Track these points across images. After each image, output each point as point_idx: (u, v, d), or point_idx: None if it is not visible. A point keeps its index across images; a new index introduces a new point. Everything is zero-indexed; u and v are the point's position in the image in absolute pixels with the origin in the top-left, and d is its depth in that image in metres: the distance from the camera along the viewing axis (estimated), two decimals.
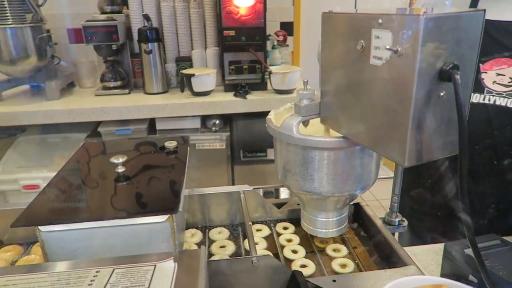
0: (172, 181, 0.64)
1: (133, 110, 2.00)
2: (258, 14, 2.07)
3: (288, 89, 2.11)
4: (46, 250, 0.54)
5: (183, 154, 0.75)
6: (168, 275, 0.45)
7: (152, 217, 0.54)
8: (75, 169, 0.69)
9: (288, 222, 0.93)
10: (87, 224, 0.54)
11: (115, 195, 0.60)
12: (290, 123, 0.64)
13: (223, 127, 2.18)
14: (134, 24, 2.28)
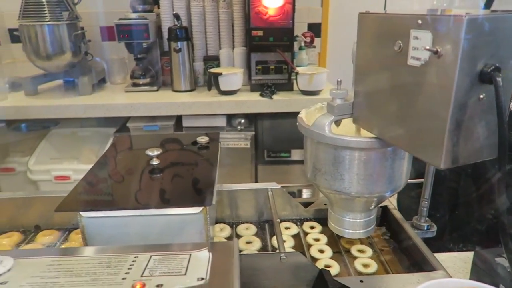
0: (205, 175, 0.66)
1: (161, 107, 2.04)
2: (287, 14, 2.08)
3: (314, 90, 2.10)
4: (85, 235, 0.57)
5: (214, 149, 0.77)
6: (203, 264, 0.46)
7: (186, 208, 0.56)
8: (112, 161, 0.72)
9: (314, 221, 0.93)
10: (125, 212, 0.56)
11: (151, 186, 0.62)
12: (322, 122, 0.65)
13: (248, 126, 2.20)
14: (164, 23, 2.33)
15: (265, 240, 0.87)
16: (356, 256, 0.80)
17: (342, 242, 0.85)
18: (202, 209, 0.56)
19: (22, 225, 0.90)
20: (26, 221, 0.89)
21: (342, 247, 0.84)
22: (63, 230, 0.91)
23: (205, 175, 0.65)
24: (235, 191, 0.89)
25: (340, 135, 0.65)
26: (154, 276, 0.44)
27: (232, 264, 0.46)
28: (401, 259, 0.80)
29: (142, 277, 0.44)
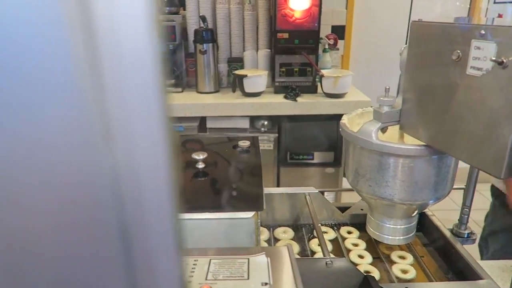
0: (252, 179, 0.67)
1: (187, 108, 2.07)
2: (313, 17, 2.08)
3: (339, 93, 2.10)
4: None
5: (256, 153, 0.77)
6: (263, 269, 0.47)
7: (239, 213, 0.57)
8: None
9: (351, 226, 0.93)
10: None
11: (200, 189, 0.64)
12: (369, 129, 0.65)
13: (271, 128, 2.21)
14: (190, 25, 2.36)
15: (303, 244, 0.87)
16: (396, 262, 0.80)
17: (381, 247, 0.85)
18: (254, 214, 0.57)
19: None
20: None
21: (382, 252, 0.84)
22: None
23: (252, 180, 0.66)
24: (273, 195, 0.90)
25: (388, 142, 0.65)
26: (218, 280, 0.45)
27: (292, 269, 0.47)
28: (441, 266, 0.80)
29: (207, 280, 0.45)
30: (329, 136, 2.17)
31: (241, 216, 0.57)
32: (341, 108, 2.08)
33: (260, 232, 0.87)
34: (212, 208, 0.58)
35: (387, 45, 2.79)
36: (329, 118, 2.14)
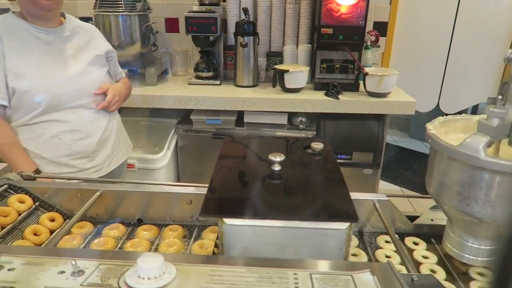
0: (336, 186, 0.63)
1: (226, 101, 2.04)
2: (360, 13, 2.01)
3: (382, 93, 2.03)
4: (224, 241, 0.56)
5: (331, 156, 0.74)
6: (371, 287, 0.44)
7: (332, 223, 0.54)
8: (235, 164, 0.70)
9: (416, 237, 0.89)
10: (268, 222, 0.54)
11: (285, 195, 0.60)
12: (476, 143, 0.60)
13: (309, 126, 2.17)
14: (230, 17, 2.33)
15: (368, 253, 0.83)
16: (475, 279, 0.75)
17: (455, 262, 0.80)
18: (348, 225, 0.54)
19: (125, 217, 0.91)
20: (129, 214, 0.90)
21: (456, 267, 0.79)
22: (160, 226, 0.92)
23: (336, 187, 0.63)
24: None
25: (500, 159, 0.60)
26: None
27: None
28: None
29: None
30: (369, 136, 2.11)
31: (334, 226, 0.54)
32: (384, 108, 2.02)
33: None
34: (306, 217, 0.54)
35: (431, 43, 2.69)
36: (370, 117, 2.07)
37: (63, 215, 0.96)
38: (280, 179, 0.64)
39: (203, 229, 0.91)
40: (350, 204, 0.57)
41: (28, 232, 0.87)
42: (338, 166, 0.70)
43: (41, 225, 0.91)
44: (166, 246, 0.85)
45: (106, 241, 0.87)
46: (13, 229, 0.88)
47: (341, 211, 0.56)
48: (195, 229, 0.92)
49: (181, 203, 0.88)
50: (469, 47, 2.66)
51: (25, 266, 0.47)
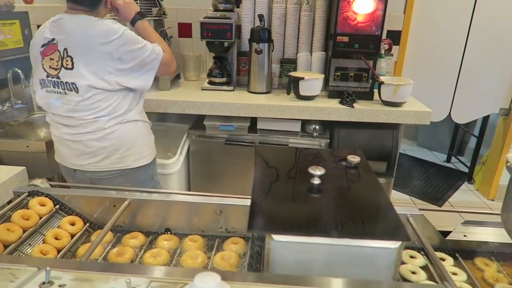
0: (380, 202, 0.62)
1: (240, 107, 2.03)
2: (376, 21, 2.01)
3: (397, 102, 2.02)
4: (270, 258, 0.55)
5: (368, 170, 0.72)
6: None
7: (384, 241, 0.52)
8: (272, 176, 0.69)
9: (440, 251, 0.87)
10: (317, 239, 0.53)
11: (334, 211, 0.59)
12: None
13: (323, 133, 2.15)
14: (245, 23, 2.33)
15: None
16: None
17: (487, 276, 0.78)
18: (400, 244, 0.52)
19: (151, 226, 0.90)
20: (156, 223, 0.89)
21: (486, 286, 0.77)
22: (180, 235, 0.90)
23: (380, 202, 0.61)
24: None
25: None
26: None
27: None
28: None
29: None
30: (383, 145, 2.10)
31: (386, 245, 0.53)
32: (399, 117, 2.00)
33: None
34: (351, 234, 0.53)
35: (444, 53, 2.69)
36: (384, 126, 2.06)
37: (83, 219, 0.95)
38: (323, 194, 0.63)
39: (225, 239, 0.90)
40: (400, 222, 0.55)
41: (49, 237, 0.86)
42: (378, 181, 0.68)
43: (61, 229, 0.90)
44: (188, 258, 0.83)
45: (125, 250, 0.86)
46: (34, 232, 0.87)
47: (392, 229, 0.55)
48: (216, 239, 0.90)
49: (210, 213, 0.87)
50: (482, 58, 2.66)
51: (75, 282, 0.46)
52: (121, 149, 1.37)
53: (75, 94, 1.27)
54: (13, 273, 0.48)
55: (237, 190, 2.23)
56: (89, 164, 1.35)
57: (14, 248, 0.79)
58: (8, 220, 0.85)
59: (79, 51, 1.24)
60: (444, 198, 2.95)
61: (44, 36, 1.28)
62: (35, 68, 1.34)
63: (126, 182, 1.40)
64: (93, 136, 1.31)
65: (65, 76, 1.26)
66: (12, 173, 1.47)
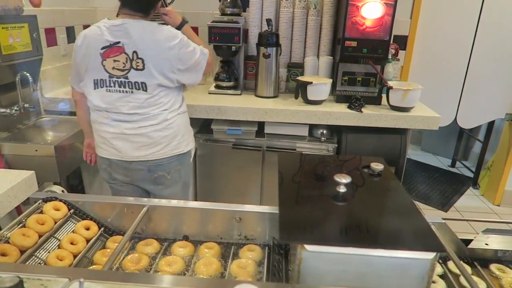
0: (410, 211, 0.61)
1: (248, 112, 2.03)
2: (385, 26, 2.00)
3: (406, 107, 2.02)
4: (301, 268, 0.54)
5: (392, 177, 0.72)
6: None
7: (418, 252, 0.51)
8: (298, 185, 0.68)
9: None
10: (350, 250, 0.52)
11: (364, 221, 0.58)
12: None
13: (330, 138, 2.15)
14: (252, 27, 2.33)
15: None
16: None
17: (504, 283, 0.77)
18: (435, 255, 0.52)
19: (167, 233, 0.89)
20: (172, 229, 0.88)
21: None
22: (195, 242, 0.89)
23: (410, 212, 0.61)
24: None
25: None
26: None
27: None
28: None
29: None
30: (391, 150, 2.09)
31: (420, 256, 0.52)
32: (407, 122, 2.00)
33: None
34: (384, 245, 0.52)
35: (450, 58, 2.69)
36: (392, 131, 2.06)
37: (97, 223, 0.94)
38: (351, 203, 0.62)
39: (241, 247, 0.89)
40: (432, 232, 0.55)
41: (65, 242, 0.85)
42: (403, 189, 0.68)
43: (77, 233, 0.89)
44: (202, 265, 0.82)
45: (140, 257, 0.85)
46: (50, 237, 0.86)
47: (426, 240, 0.54)
48: (232, 247, 0.89)
49: (228, 220, 0.86)
50: (488, 63, 2.66)
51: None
52: (178, 136, 1.53)
53: (143, 92, 1.41)
54: (45, 284, 0.47)
55: (244, 195, 2.24)
56: (151, 153, 1.48)
57: (30, 254, 0.78)
58: (23, 225, 0.84)
59: (149, 54, 1.37)
60: (449, 203, 2.94)
61: (105, 39, 1.37)
62: (90, 69, 1.41)
63: (179, 165, 1.57)
64: (156, 127, 1.46)
65: (135, 76, 1.39)
66: (21, 178, 1.47)
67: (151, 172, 1.51)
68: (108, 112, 1.44)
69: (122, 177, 1.54)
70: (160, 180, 1.55)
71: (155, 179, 1.54)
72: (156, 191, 1.57)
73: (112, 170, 1.54)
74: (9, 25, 1.70)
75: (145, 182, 1.55)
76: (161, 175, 1.54)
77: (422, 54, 2.62)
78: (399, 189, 0.67)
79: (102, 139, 1.50)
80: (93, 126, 1.52)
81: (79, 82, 1.49)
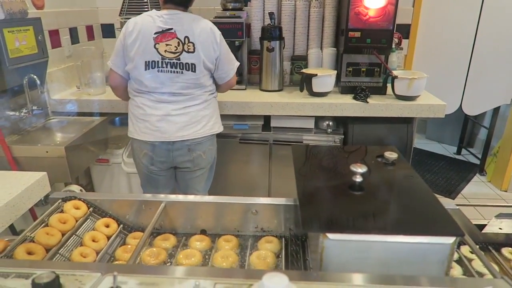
0: (426, 198, 0.62)
1: (254, 106, 2.04)
2: (388, 16, 2.00)
3: (411, 96, 2.02)
4: (323, 257, 0.55)
5: (406, 166, 0.73)
6: None
7: (438, 237, 0.53)
8: (314, 175, 0.70)
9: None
10: (371, 237, 0.54)
11: (383, 208, 0.59)
12: None
13: (336, 129, 2.16)
14: (254, 22, 2.33)
15: None
16: None
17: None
18: (454, 239, 0.53)
19: (184, 228, 0.90)
20: (190, 224, 0.90)
21: None
22: (213, 235, 0.91)
23: (427, 199, 0.62)
24: None
25: None
26: None
27: None
28: None
29: None
30: (397, 140, 2.10)
31: (440, 241, 0.53)
32: (413, 111, 2.00)
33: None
34: (405, 231, 0.54)
35: (454, 45, 2.68)
36: (397, 120, 2.06)
37: (117, 221, 0.96)
38: (368, 191, 0.64)
39: (258, 239, 0.90)
40: (451, 218, 0.56)
41: (87, 239, 0.87)
42: (419, 176, 0.69)
43: (97, 231, 0.91)
44: (219, 257, 0.84)
45: (159, 252, 0.86)
46: (72, 235, 0.88)
47: (446, 225, 0.55)
48: (249, 239, 0.91)
49: (245, 213, 0.88)
50: (492, 49, 2.65)
51: (141, 286, 0.47)
52: (214, 117, 1.71)
53: (192, 73, 1.57)
54: (79, 279, 0.49)
55: (252, 188, 2.25)
56: (193, 132, 1.63)
57: (55, 252, 0.80)
58: (46, 224, 0.85)
59: (199, 40, 1.55)
60: (457, 191, 2.95)
61: (157, 26, 1.54)
62: (141, 51, 1.55)
63: (211, 145, 1.74)
64: (199, 107, 1.64)
65: (186, 58, 1.55)
66: (34, 179, 1.49)
67: (190, 151, 1.66)
68: (155, 94, 1.60)
69: (164, 159, 1.67)
70: (197, 160, 1.70)
71: (194, 159, 1.69)
72: (192, 169, 1.72)
73: (155, 154, 1.66)
74: (14, 29, 1.72)
75: (185, 162, 1.69)
76: (198, 154, 1.69)
77: (425, 42, 2.62)
78: (414, 176, 0.69)
79: (144, 123, 1.62)
80: (137, 112, 1.63)
81: (122, 66, 1.61)
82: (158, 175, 1.73)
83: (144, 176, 1.76)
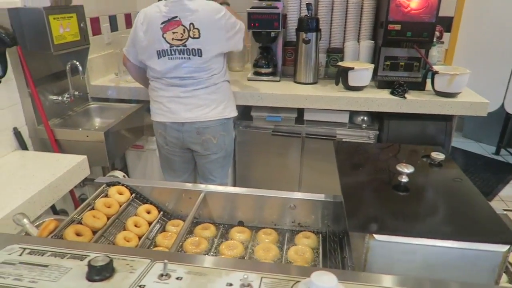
0: (477, 202, 0.60)
1: (288, 98, 2.02)
2: (431, 8, 1.93)
3: (452, 92, 1.94)
4: (368, 257, 0.55)
5: (454, 167, 0.70)
6: None
7: (491, 244, 0.51)
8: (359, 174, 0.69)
9: None
10: (419, 240, 0.53)
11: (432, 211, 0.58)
12: None
13: (371, 125, 2.11)
14: (290, 12, 2.30)
15: None
16: None
17: None
18: (509, 247, 0.51)
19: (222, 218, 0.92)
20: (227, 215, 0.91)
21: None
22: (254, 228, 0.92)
23: (478, 203, 0.60)
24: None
25: None
26: None
27: None
28: None
29: None
30: (435, 138, 2.03)
31: (491, 248, 0.51)
32: (453, 108, 1.93)
33: None
34: (455, 236, 0.52)
35: (498, 40, 2.55)
36: (436, 118, 1.99)
37: (157, 208, 0.98)
38: (416, 192, 0.62)
39: (296, 233, 0.90)
40: (504, 224, 0.54)
41: (130, 224, 0.90)
42: (467, 178, 0.66)
43: (139, 217, 0.94)
44: (261, 250, 0.85)
45: (200, 241, 0.88)
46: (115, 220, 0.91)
47: (499, 232, 0.53)
48: (286, 233, 0.91)
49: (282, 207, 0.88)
50: None
51: (190, 275, 0.48)
52: (224, 101, 1.74)
53: (199, 58, 1.62)
54: (130, 264, 0.50)
55: (283, 181, 2.25)
56: (201, 115, 1.69)
57: (100, 235, 0.83)
58: (91, 208, 0.89)
59: (204, 24, 1.60)
60: (494, 192, 2.84)
61: (163, 15, 1.60)
62: (153, 42, 1.62)
63: (223, 131, 1.76)
64: (207, 90, 1.68)
65: (192, 44, 1.61)
66: (75, 162, 1.55)
67: (199, 134, 1.71)
68: (166, 78, 1.67)
69: (175, 140, 1.75)
70: (207, 144, 1.74)
71: (203, 142, 1.74)
72: (203, 153, 1.77)
73: (167, 134, 1.75)
74: (59, 16, 1.77)
75: (194, 144, 1.75)
76: (208, 138, 1.73)
77: (468, 36, 2.50)
78: (463, 178, 0.66)
79: (158, 105, 1.72)
80: (152, 94, 1.74)
81: (134, 55, 1.72)
82: (173, 155, 1.82)
83: (162, 156, 1.87)
